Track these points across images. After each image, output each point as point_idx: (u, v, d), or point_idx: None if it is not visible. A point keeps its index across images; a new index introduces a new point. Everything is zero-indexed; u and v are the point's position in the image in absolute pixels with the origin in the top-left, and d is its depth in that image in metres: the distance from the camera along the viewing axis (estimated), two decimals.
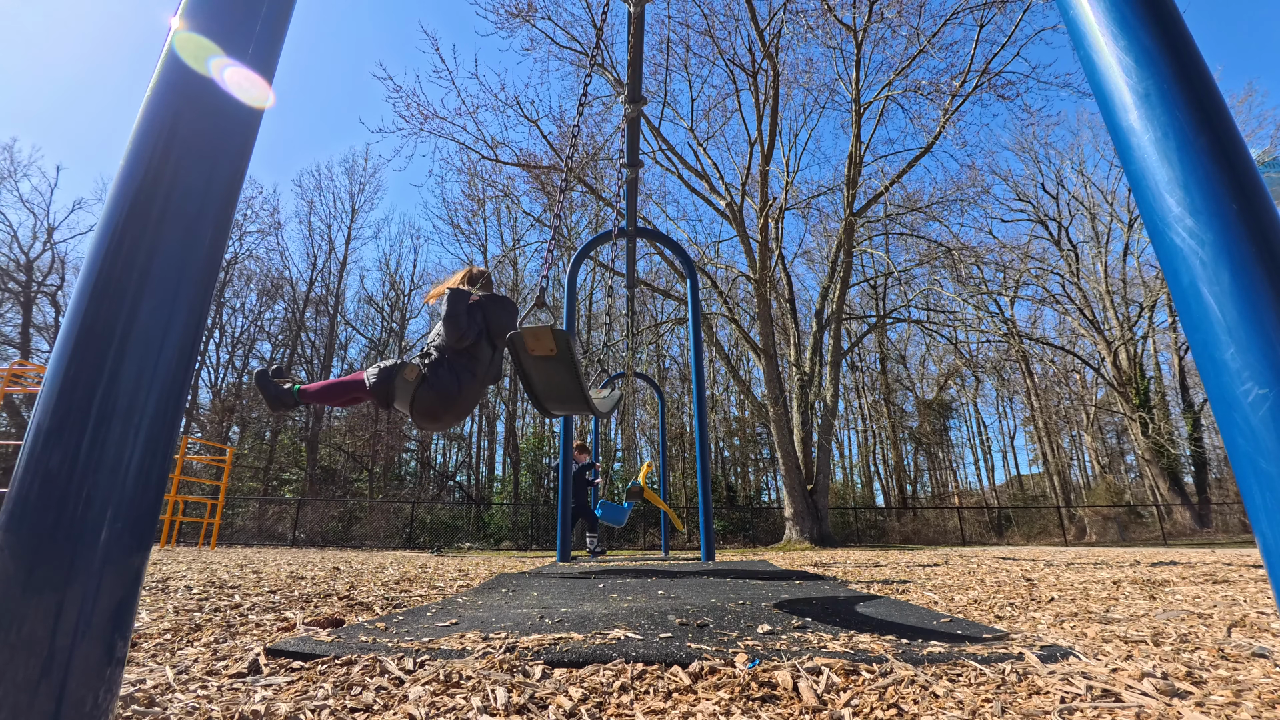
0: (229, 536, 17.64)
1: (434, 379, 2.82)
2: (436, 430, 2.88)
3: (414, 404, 2.76)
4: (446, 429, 2.87)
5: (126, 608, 0.42)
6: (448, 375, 2.82)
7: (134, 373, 0.44)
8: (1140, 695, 0.63)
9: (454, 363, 2.87)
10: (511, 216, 26.74)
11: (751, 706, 0.64)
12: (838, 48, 14.17)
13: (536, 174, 14.67)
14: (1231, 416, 0.44)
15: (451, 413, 2.86)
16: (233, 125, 0.53)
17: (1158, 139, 0.50)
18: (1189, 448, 20.80)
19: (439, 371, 2.83)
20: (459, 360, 2.87)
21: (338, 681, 0.72)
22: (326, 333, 26.27)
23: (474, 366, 2.91)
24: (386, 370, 2.78)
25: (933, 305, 19.40)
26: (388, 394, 2.75)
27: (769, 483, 27.49)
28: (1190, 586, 2.05)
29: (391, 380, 2.74)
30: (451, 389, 2.81)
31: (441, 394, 2.79)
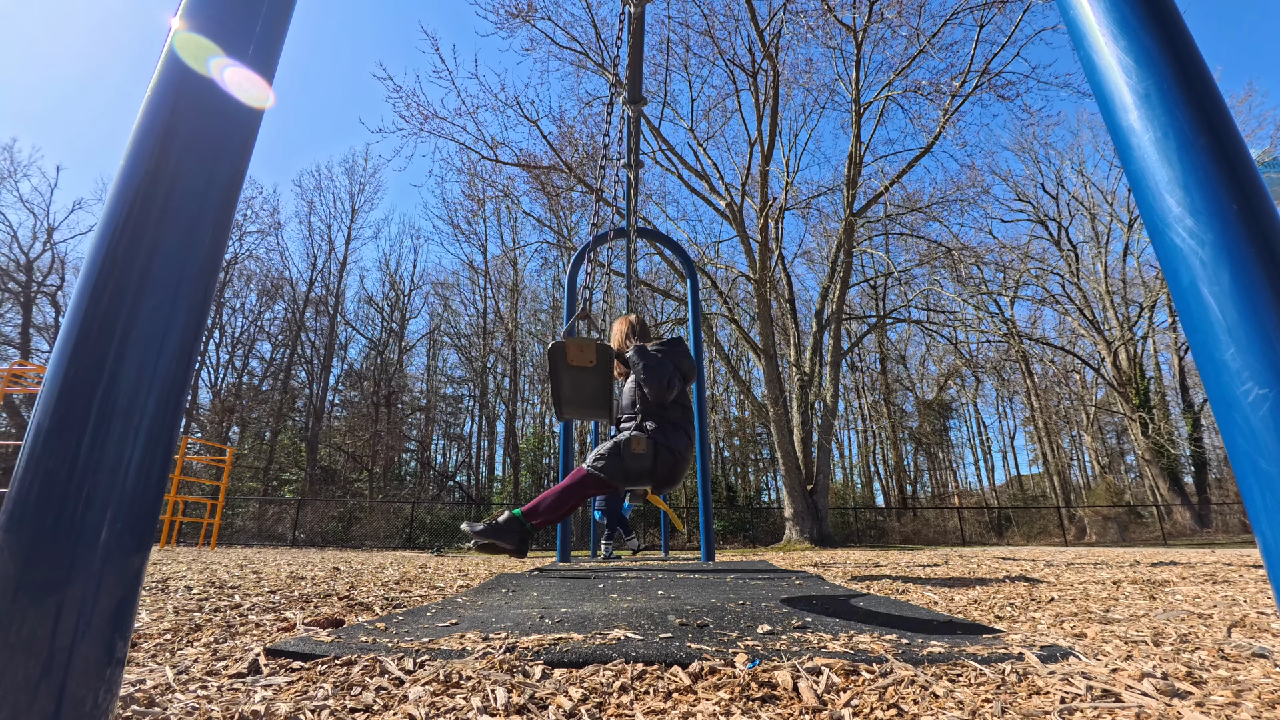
0: (229, 537, 17.63)
1: (664, 441, 2.74)
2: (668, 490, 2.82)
3: (654, 474, 2.68)
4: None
5: (126, 608, 0.42)
6: (673, 432, 2.76)
7: (134, 373, 0.44)
8: (1140, 695, 0.63)
9: (669, 417, 2.79)
10: (511, 217, 26.76)
11: (751, 706, 0.64)
12: (838, 48, 14.17)
13: (536, 174, 14.66)
14: (1231, 416, 0.44)
15: (687, 467, 2.81)
16: (233, 125, 0.53)
17: (1158, 139, 0.50)
18: (1189, 448, 20.80)
19: (666, 432, 2.75)
20: (672, 413, 2.80)
21: (338, 682, 0.72)
22: (326, 333, 26.27)
23: (687, 415, 2.85)
24: (611, 454, 2.68)
25: (933, 305, 19.41)
26: (625, 475, 2.67)
27: (769, 483, 27.50)
28: (1190, 586, 2.05)
29: (622, 460, 2.66)
30: (682, 445, 2.75)
31: (677, 454, 2.73)
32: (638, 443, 2.64)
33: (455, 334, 28.35)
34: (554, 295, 27.00)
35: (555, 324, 26.39)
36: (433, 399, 27.85)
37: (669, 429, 2.74)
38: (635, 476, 2.67)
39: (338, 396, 27.23)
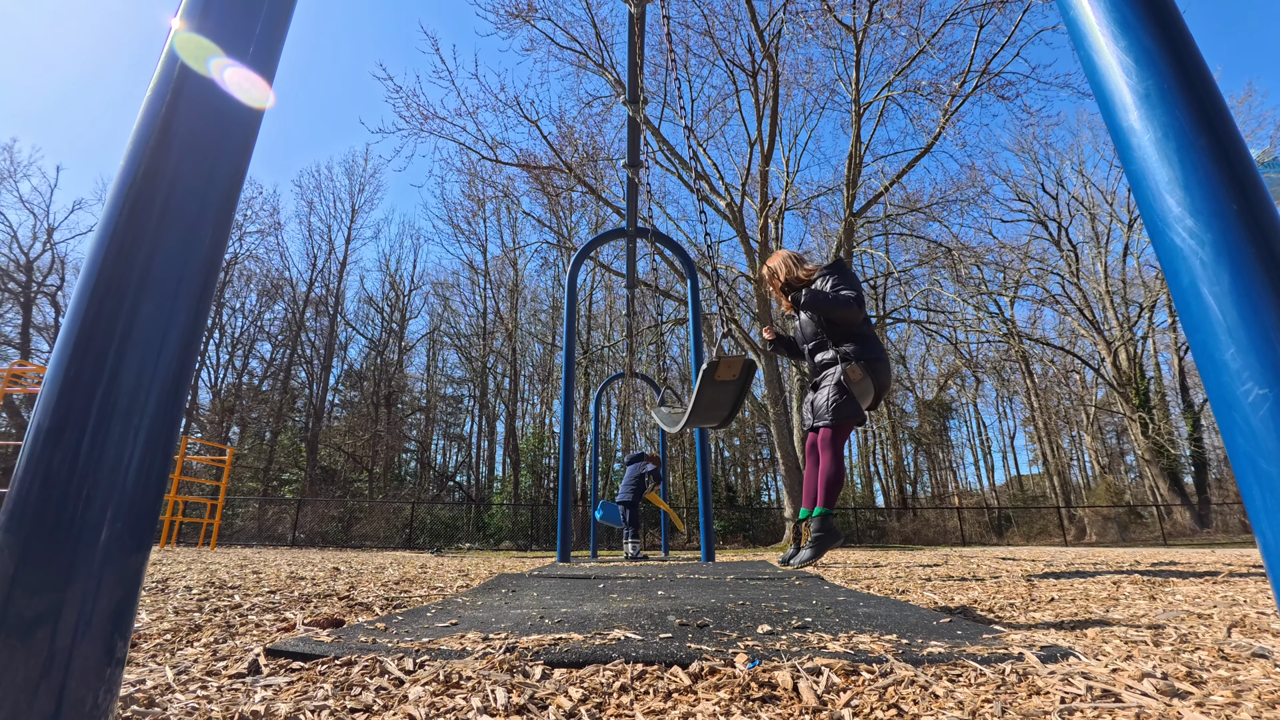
0: (229, 537, 17.63)
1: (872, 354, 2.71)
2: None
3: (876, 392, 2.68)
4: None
5: (126, 608, 0.42)
6: (872, 344, 2.74)
7: (134, 373, 0.44)
8: (1140, 695, 0.63)
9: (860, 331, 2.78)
10: (511, 217, 26.76)
11: (751, 707, 0.64)
12: (837, 48, 14.18)
13: (536, 174, 14.67)
14: (1231, 416, 0.44)
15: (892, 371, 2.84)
16: (233, 125, 0.53)
17: (1158, 139, 0.50)
18: (1189, 448, 20.80)
19: (868, 346, 2.73)
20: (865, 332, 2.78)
21: (338, 682, 0.72)
22: (326, 333, 26.28)
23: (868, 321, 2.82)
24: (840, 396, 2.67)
25: (933, 305, 19.41)
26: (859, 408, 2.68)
27: (769, 483, 27.51)
28: (1190, 587, 2.05)
29: (852, 397, 2.66)
30: (882, 351, 2.73)
31: (884, 359, 2.72)
32: (853, 371, 2.63)
33: (455, 334, 28.36)
34: (554, 295, 27.01)
35: (555, 324, 26.40)
36: (433, 399, 27.85)
37: (869, 342, 2.75)
38: (870, 401, 2.68)
39: (338, 396, 27.24)
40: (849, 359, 2.68)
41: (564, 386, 4.61)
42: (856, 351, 2.70)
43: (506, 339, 26.11)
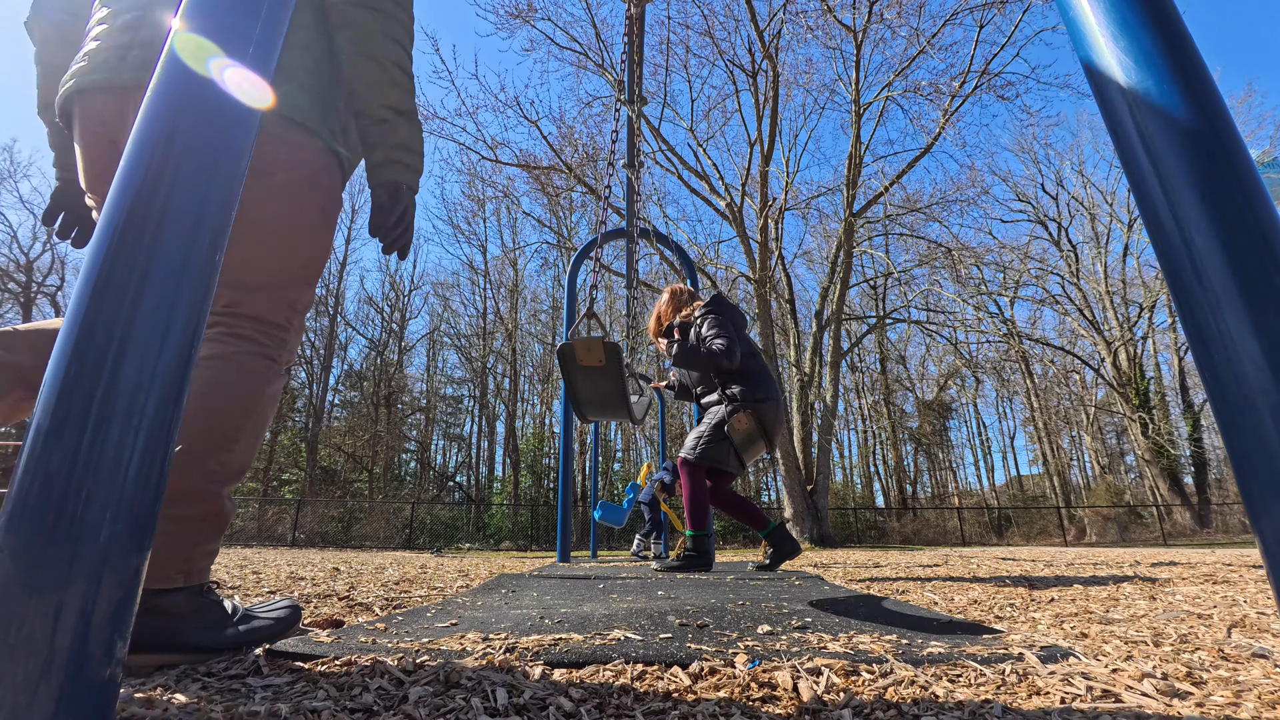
0: (228, 537, 17.63)
1: (763, 396, 2.64)
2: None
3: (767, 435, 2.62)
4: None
5: (126, 608, 0.42)
6: (761, 382, 2.66)
7: (134, 373, 0.44)
8: (1140, 696, 0.63)
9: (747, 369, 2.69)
10: (511, 217, 26.77)
11: (751, 707, 0.64)
12: (837, 48, 14.19)
13: (536, 174, 14.67)
14: (1231, 416, 0.44)
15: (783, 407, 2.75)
16: (233, 125, 0.53)
17: (1158, 139, 0.50)
18: (1189, 448, 20.80)
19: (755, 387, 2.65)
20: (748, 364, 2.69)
21: (338, 682, 0.72)
22: (326, 333, 26.28)
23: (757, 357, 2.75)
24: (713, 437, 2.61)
25: (933, 306, 19.41)
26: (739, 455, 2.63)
27: (769, 483, 27.48)
28: (1190, 587, 2.05)
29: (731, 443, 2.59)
30: (774, 389, 2.66)
31: (776, 399, 2.65)
32: (739, 421, 2.56)
33: (455, 334, 28.37)
34: (554, 295, 27.02)
35: (555, 324, 26.40)
36: (432, 399, 27.85)
37: (754, 381, 2.67)
38: (751, 452, 2.62)
39: (337, 397, 27.24)
40: (736, 406, 2.62)
41: (564, 386, 4.60)
42: (743, 393, 2.63)
43: (506, 339, 26.11)
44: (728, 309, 2.82)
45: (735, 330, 2.76)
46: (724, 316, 2.76)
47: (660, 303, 3.05)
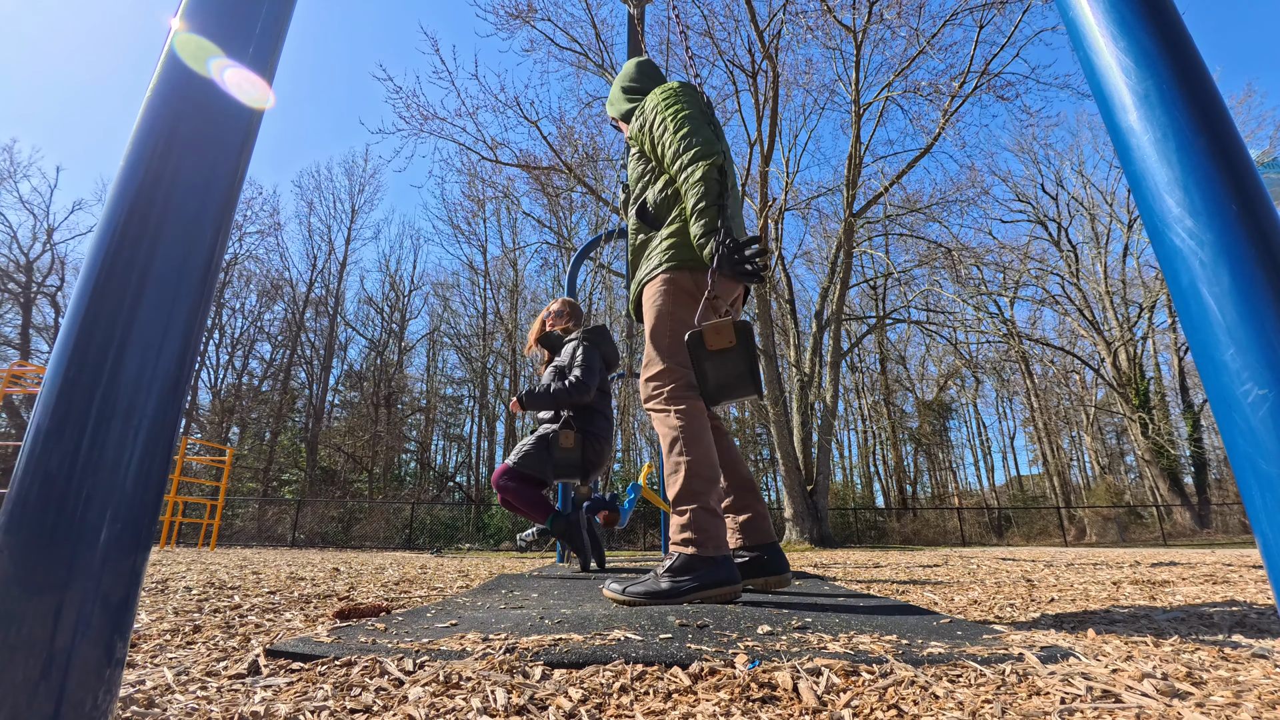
0: (228, 537, 17.63)
1: (590, 429, 2.72)
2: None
3: (583, 465, 2.67)
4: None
5: (126, 608, 0.42)
6: (596, 419, 2.74)
7: (134, 373, 0.44)
8: (1140, 696, 0.63)
9: (593, 405, 2.77)
10: (511, 217, 26.76)
11: (751, 707, 0.64)
12: (837, 49, 14.18)
13: (536, 175, 14.66)
14: (1231, 417, 0.44)
15: (611, 450, 2.82)
16: (233, 126, 0.53)
17: (1157, 140, 0.50)
18: (1189, 448, 20.79)
19: (590, 420, 2.73)
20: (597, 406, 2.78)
21: (337, 682, 0.72)
22: (326, 333, 26.28)
23: (605, 399, 2.84)
24: (537, 448, 2.68)
25: (932, 306, 19.41)
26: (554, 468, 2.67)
27: (769, 483, 27.48)
28: (1190, 587, 2.05)
29: (550, 455, 2.66)
30: (605, 430, 2.74)
31: (603, 439, 2.72)
32: (565, 438, 2.66)
33: (455, 335, 28.36)
34: (554, 296, 27.00)
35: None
36: (432, 400, 27.85)
37: (592, 415, 2.75)
38: (565, 469, 2.69)
39: (337, 397, 27.23)
40: (568, 425, 2.73)
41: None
42: (578, 421, 2.75)
43: (506, 339, 26.10)
44: (607, 347, 2.89)
45: (603, 370, 2.85)
46: (598, 354, 2.84)
47: (549, 311, 3.12)
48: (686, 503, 1.42)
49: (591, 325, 2.96)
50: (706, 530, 1.39)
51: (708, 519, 1.40)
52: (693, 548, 1.37)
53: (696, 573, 1.36)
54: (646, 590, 1.36)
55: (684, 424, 1.47)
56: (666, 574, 1.37)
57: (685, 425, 1.47)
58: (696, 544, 1.38)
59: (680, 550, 1.39)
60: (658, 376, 1.55)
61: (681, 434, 1.46)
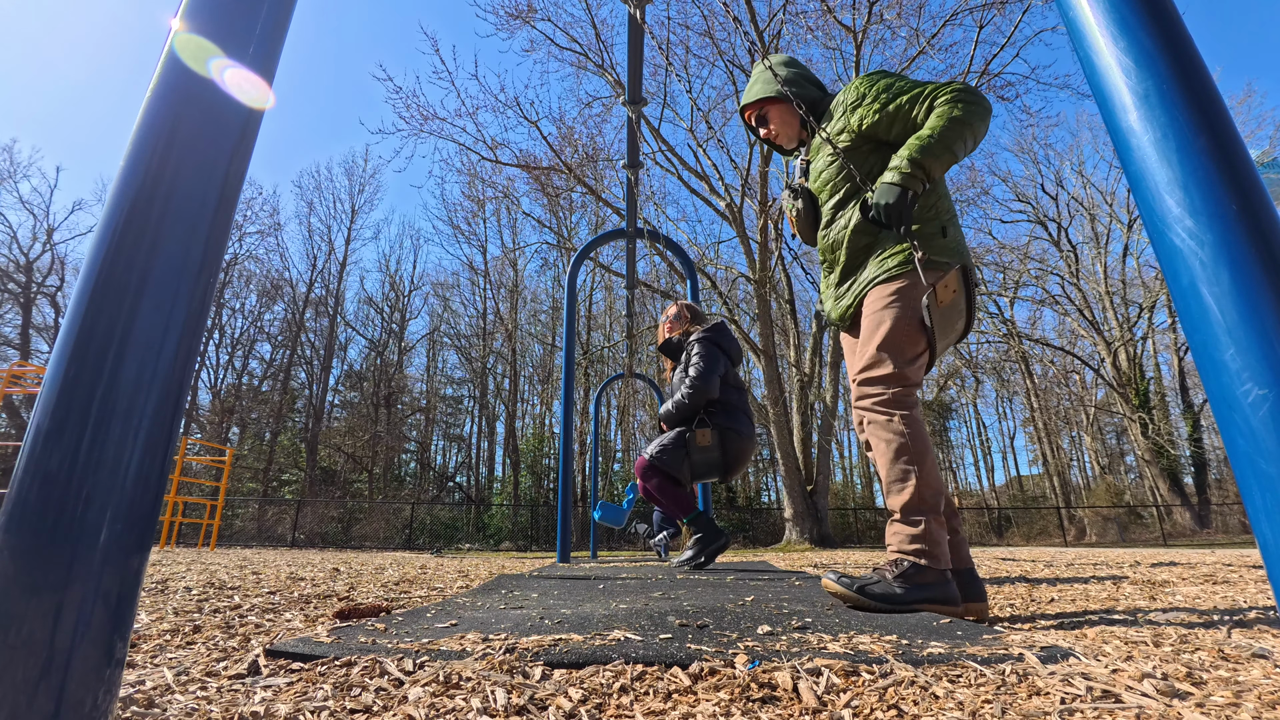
0: (228, 538, 17.63)
1: (730, 426, 2.65)
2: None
3: (724, 464, 2.62)
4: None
5: (126, 608, 0.42)
6: (736, 415, 2.68)
7: (134, 373, 0.44)
8: (1140, 696, 0.63)
9: (727, 400, 2.71)
10: (511, 217, 26.77)
11: (751, 707, 0.64)
12: (837, 49, 14.17)
13: (536, 175, 14.66)
14: (1231, 417, 0.44)
15: (754, 448, 2.76)
16: (233, 126, 0.53)
17: (1157, 140, 0.50)
18: (1189, 448, 20.79)
19: (730, 416, 2.68)
20: (730, 396, 2.71)
21: (337, 683, 0.72)
22: (326, 334, 26.28)
23: (741, 395, 2.77)
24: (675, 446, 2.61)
25: None
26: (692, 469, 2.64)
27: (769, 484, 27.49)
28: (1190, 587, 2.05)
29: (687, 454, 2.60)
30: (746, 427, 2.67)
31: (745, 436, 2.65)
32: (702, 436, 2.57)
33: (455, 335, 28.37)
34: (554, 296, 27.02)
35: (555, 324, 26.38)
36: (432, 400, 27.85)
37: (731, 412, 2.67)
38: (704, 470, 2.62)
39: (337, 397, 27.24)
40: (704, 423, 2.67)
41: (564, 387, 4.60)
42: (714, 419, 2.67)
43: (506, 339, 26.10)
44: (726, 340, 2.83)
45: (727, 363, 2.79)
46: (718, 348, 2.78)
47: (666, 318, 3.08)
48: (919, 513, 1.37)
49: (710, 323, 2.91)
50: (939, 545, 1.36)
51: (940, 533, 1.37)
52: (925, 559, 1.33)
53: (928, 586, 1.32)
54: (884, 594, 1.31)
55: (911, 432, 1.42)
56: (899, 580, 1.33)
57: (912, 434, 1.42)
58: (930, 556, 1.33)
59: (910, 559, 1.35)
60: (884, 380, 1.47)
61: (910, 440, 1.42)
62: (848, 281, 1.62)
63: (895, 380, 1.46)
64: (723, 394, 2.71)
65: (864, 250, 1.58)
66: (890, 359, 1.47)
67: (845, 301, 1.64)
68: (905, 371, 1.46)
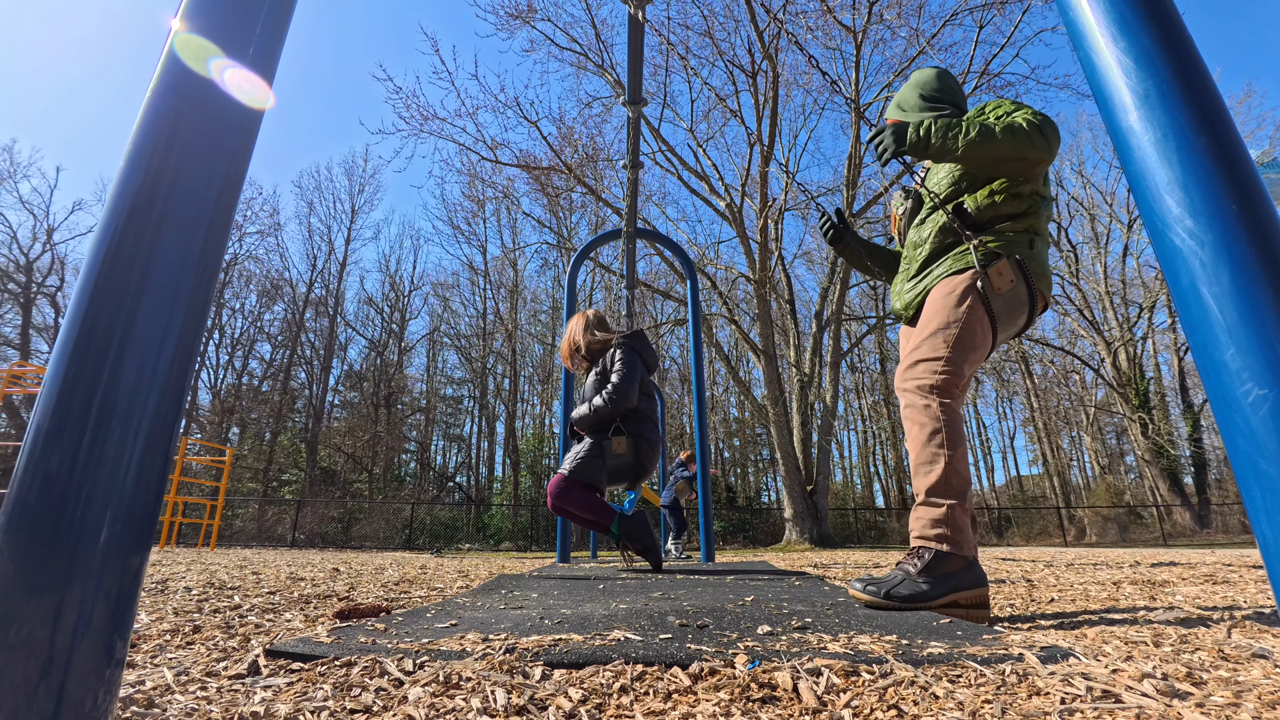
0: (228, 538, 17.63)
1: (641, 433, 2.74)
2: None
3: (635, 469, 2.68)
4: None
5: (126, 608, 0.42)
6: (645, 423, 2.75)
7: (134, 373, 0.44)
8: (1140, 696, 0.63)
9: (638, 409, 2.78)
10: (511, 217, 26.78)
11: (751, 708, 0.64)
12: (837, 49, 14.17)
13: (536, 175, 14.67)
14: (1231, 417, 0.44)
15: (659, 454, 2.82)
16: (233, 126, 0.53)
17: (1157, 140, 0.50)
18: (1189, 448, 20.79)
19: (640, 424, 2.76)
20: (640, 404, 2.79)
21: (337, 683, 0.72)
22: (326, 334, 26.28)
23: (651, 402, 2.85)
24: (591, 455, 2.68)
25: None
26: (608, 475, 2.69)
27: (769, 484, 27.51)
28: (1190, 587, 2.05)
29: (604, 461, 2.67)
30: (654, 433, 2.75)
31: (653, 442, 2.73)
32: (618, 444, 2.66)
33: (455, 335, 28.37)
34: (554, 296, 27.02)
35: (555, 325, 26.38)
36: (432, 400, 27.85)
37: (642, 420, 2.76)
38: (619, 474, 2.69)
39: (337, 397, 27.24)
40: (619, 431, 2.73)
41: (564, 387, 4.60)
42: (628, 426, 2.75)
43: (506, 340, 26.11)
44: (646, 350, 2.89)
45: (644, 372, 2.85)
46: (639, 358, 2.84)
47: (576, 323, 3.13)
48: (944, 498, 1.36)
49: (630, 330, 2.96)
50: (963, 531, 1.35)
51: (964, 520, 1.36)
52: (948, 545, 1.33)
53: (953, 575, 1.31)
54: (911, 594, 1.30)
55: (948, 419, 1.42)
56: (923, 575, 1.32)
57: (950, 420, 1.42)
58: (952, 543, 1.33)
59: (932, 546, 1.34)
60: (931, 364, 1.48)
61: (945, 428, 1.41)
62: (920, 275, 1.66)
63: (943, 367, 1.47)
64: (637, 401, 2.79)
65: (945, 249, 1.62)
66: (943, 346, 1.48)
67: (912, 295, 1.67)
68: (955, 359, 1.47)
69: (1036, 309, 1.55)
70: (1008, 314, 1.49)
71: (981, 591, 1.32)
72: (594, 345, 2.99)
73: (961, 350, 1.47)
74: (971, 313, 1.48)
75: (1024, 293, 1.49)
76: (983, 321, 1.48)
